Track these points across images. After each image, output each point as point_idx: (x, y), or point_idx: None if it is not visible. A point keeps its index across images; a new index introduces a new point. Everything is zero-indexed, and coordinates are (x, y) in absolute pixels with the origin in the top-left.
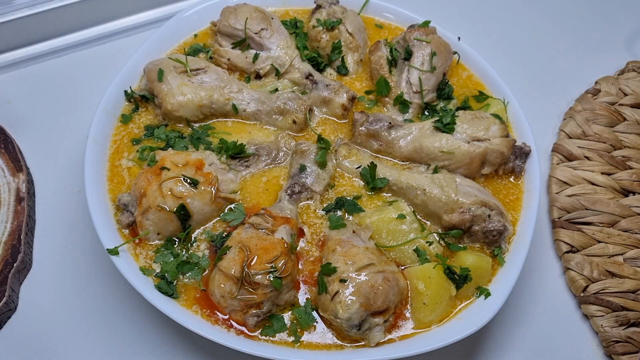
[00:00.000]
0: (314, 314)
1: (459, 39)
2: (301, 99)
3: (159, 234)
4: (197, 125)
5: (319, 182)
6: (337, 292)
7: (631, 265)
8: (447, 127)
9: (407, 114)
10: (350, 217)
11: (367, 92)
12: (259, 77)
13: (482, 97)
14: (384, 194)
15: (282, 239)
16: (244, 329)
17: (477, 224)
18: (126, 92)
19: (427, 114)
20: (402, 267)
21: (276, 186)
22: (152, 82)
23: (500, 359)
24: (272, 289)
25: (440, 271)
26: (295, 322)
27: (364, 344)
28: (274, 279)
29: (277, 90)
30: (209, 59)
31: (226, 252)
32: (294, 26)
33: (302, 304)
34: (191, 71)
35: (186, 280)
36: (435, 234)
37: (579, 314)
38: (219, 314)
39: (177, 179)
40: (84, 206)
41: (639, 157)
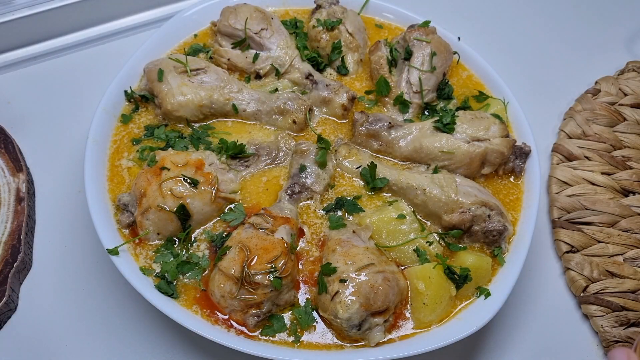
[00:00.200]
0: (314, 314)
1: (459, 39)
2: (301, 99)
3: (159, 234)
4: (197, 125)
5: (319, 182)
6: (337, 292)
7: (631, 265)
8: (447, 127)
9: (407, 114)
10: (350, 217)
11: (367, 92)
12: (259, 77)
13: (482, 97)
14: (384, 194)
15: (282, 239)
16: (244, 329)
17: (477, 224)
18: (126, 92)
19: (427, 114)
20: (402, 267)
21: (276, 186)
22: (152, 82)
23: (500, 359)
24: (272, 289)
25: (440, 271)
26: (295, 322)
27: (364, 344)
28: (274, 279)
29: (277, 90)
30: (209, 59)
31: (226, 252)
32: (294, 26)
33: (302, 304)
34: (191, 71)
35: (186, 280)
36: (435, 234)
37: (579, 314)
38: (219, 314)
39: (177, 179)
40: (84, 206)
41: (639, 157)
